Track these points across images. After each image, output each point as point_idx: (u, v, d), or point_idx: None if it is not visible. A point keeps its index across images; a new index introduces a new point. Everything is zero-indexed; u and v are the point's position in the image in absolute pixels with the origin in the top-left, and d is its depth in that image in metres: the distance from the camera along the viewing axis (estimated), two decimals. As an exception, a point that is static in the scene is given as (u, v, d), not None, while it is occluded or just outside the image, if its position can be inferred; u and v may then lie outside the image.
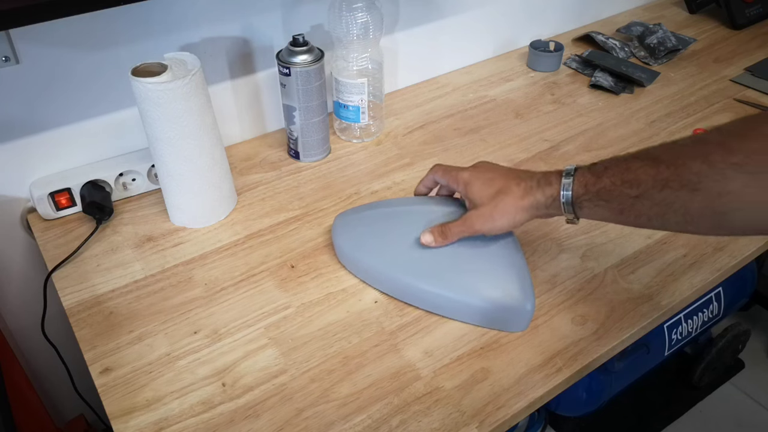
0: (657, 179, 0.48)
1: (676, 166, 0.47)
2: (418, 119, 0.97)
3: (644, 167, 0.50)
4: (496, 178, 0.61)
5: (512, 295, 0.60)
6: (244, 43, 0.85)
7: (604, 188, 0.53)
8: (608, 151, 0.88)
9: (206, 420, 0.55)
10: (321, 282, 0.68)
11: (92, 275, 0.70)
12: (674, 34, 1.16)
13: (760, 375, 1.45)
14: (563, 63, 1.12)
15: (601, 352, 0.60)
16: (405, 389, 0.57)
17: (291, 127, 0.85)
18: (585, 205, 0.55)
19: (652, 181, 0.49)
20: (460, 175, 0.64)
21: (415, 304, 0.65)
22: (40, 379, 0.97)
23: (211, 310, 0.65)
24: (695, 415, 1.37)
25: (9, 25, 0.59)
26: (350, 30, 0.81)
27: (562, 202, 0.56)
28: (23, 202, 0.79)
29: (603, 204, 0.53)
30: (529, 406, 0.57)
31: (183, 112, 0.67)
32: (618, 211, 0.52)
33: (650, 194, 0.49)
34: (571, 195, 0.55)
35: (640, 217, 0.51)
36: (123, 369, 0.59)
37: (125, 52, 0.75)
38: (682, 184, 0.47)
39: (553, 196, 0.56)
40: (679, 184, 0.47)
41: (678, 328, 1.13)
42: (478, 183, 0.62)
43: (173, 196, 0.75)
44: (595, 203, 0.54)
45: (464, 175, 0.63)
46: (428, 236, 0.63)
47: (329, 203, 0.80)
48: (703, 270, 0.69)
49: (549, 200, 0.57)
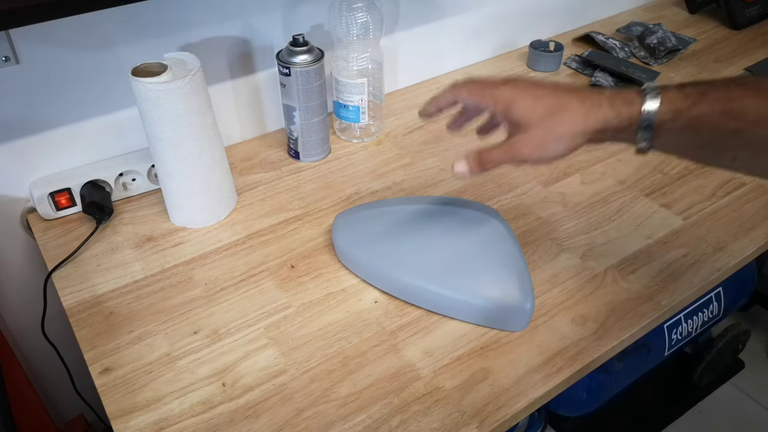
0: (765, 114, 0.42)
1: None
2: (418, 119, 0.97)
3: (750, 98, 0.43)
4: (548, 94, 0.50)
5: (512, 295, 0.60)
6: (244, 43, 0.85)
7: (698, 116, 0.44)
8: (609, 151, 0.88)
9: (206, 420, 0.55)
10: (321, 282, 0.68)
11: (92, 275, 0.70)
12: (674, 34, 1.16)
13: (760, 375, 1.45)
14: (563, 63, 1.12)
15: (601, 352, 0.60)
16: (405, 389, 0.57)
17: (291, 127, 0.85)
18: (668, 132, 0.46)
19: (758, 114, 0.42)
20: (500, 91, 0.51)
21: (415, 303, 0.65)
22: (40, 379, 0.97)
23: (211, 310, 0.65)
24: (695, 415, 1.37)
25: (9, 25, 0.59)
26: (350, 30, 0.81)
27: (642, 126, 0.46)
28: (23, 202, 0.79)
29: (689, 134, 0.45)
30: (529, 406, 0.57)
31: (183, 112, 0.67)
32: (704, 144, 0.45)
33: (752, 130, 0.43)
34: (655, 117, 0.46)
35: (727, 153, 0.45)
36: (123, 369, 0.59)
37: (125, 52, 0.75)
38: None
39: (631, 118, 0.47)
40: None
41: (678, 328, 1.13)
42: (526, 101, 0.50)
43: (173, 196, 0.75)
44: (681, 132, 0.46)
45: (505, 91, 0.51)
46: (462, 164, 0.53)
47: (329, 203, 0.80)
48: (703, 270, 0.69)
49: (624, 122, 0.47)
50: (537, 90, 0.51)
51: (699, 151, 0.47)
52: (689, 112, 0.45)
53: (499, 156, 0.51)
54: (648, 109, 0.46)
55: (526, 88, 0.51)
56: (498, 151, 0.51)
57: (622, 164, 0.86)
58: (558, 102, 0.49)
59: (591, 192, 0.81)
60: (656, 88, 0.47)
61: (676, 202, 0.79)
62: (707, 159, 0.47)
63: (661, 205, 0.78)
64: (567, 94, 0.49)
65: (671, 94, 0.46)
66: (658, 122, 0.46)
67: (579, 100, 0.49)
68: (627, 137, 0.48)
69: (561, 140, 0.49)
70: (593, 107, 0.48)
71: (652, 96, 0.46)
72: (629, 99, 0.47)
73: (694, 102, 0.45)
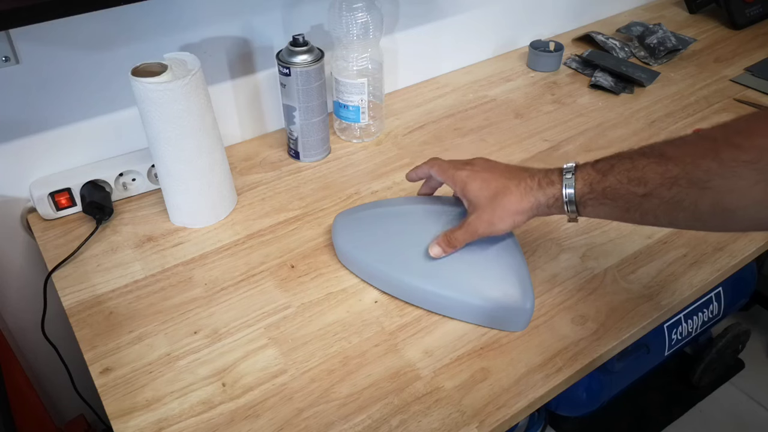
0: (665, 177, 0.48)
1: (684, 163, 0.47)
2: (418, 119, 0.97)
3: (651, 165, 0.49)
4: (493, 178, 0.60)
5: (512, 295, 0.60)
6: (244, 43, 0.85)
7: (609, 187, 0.52)
8: (608, 152, 0.86)
9: (206, 420, 0.55)
10: (321, 282, 0.68)
11: (92, 275, 0.70)
12: (674, 34, 1.16)
13: (760, 375, 1.45)
14: (563, 63, 1.12)
15: (601, 352, 0.60)
16: (405, 389, 0.57)
17: (291, 127, 0.85)
18: (589, 204, 0.54)
19: (660, 179, 0.48)
20: (457, 175, 0.63)
21: (415, 303, 0.65)
22: (40, 379, 0.97)
23: (211, 310, 0.65)
24: (695, 415, 1.37)
25: (9, 25, 0.59)
26: (350, 30, 0.81)
27: (565, 202, 0.55)
28: (23, 202, 0.79)
29: (608, 203, 0.52)
30: (529, 406, 0.57)
31: (183, 112, 0.67)
32: (624, 209, 0.51)
33: (658, 192, 0.48)
34: (574, 194, 0.54)
35: (647, 215, 0.50)
36: (123, 369, 0.59)
37: (125, 52, 0.75)
38: (692, 182, 0.46)
39: (555, 196, 0.55)
40: (688, 182, 0.46)
41: (678, 328, 1.13)
42: (476, 184, 0.60)
43: (173, 196, 0.75)
44: (600, 202, 0.53)
45: (461, 175, 0.62)
46: (436, 248, 0.62)
47: (329, 203, 0.80)
48: (703, 270, 0.69)
49: (551, 200, 0.56)
50: (486, 174, 0.61)
51: (624, 215, 0.52)
52: (601, 184, 0.52)
53: (462, 235, 0.61)
54: (566, 185, 0.55)
55: (479, 172, 0.61)
56: (460, 232, 0.61)
57: (622, 164, 0.85)
58: (503, 185, 0.59)
59: (591, 192, 0.81)
60: (572, 168, 0.55)
61: (676, 202, 0.79)
62: (635, 220, 0.52)
63: (661, 205, 0.78)
64: (511, 179, 0.59)
65: (585, 172, 0.54)
66: (578, 196, 0.54)
67: (516, 184, 0.58)
68: (558, 211, 0.56)
69: (505, 219, 0.58)
70: (527, 191, 0.57)
71: (568, 175, 0.55)
72: (552, 180, 0.56)
73: (604, 175, 0.52)
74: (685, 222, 0.49)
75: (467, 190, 0.61)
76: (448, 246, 0.62)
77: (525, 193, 0.57)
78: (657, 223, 0.51)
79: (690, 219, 0.48)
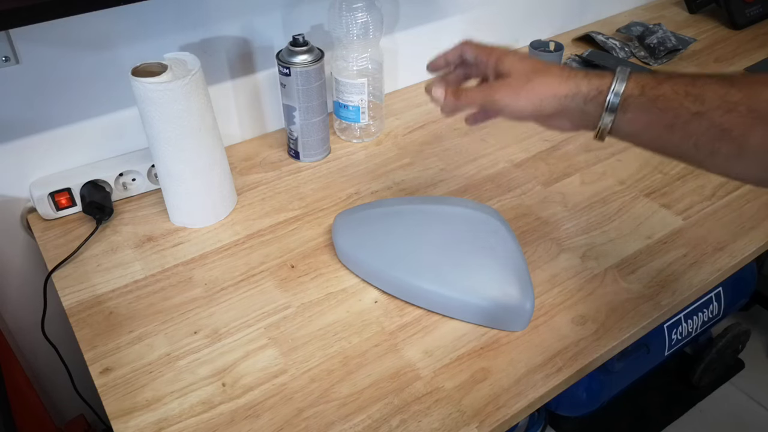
0: (725, 100, 0.44)
1: (750, 90, 0.44)
2: (418, 119, 0.97)
3: (713, 85, 0.46)
4: (536, 60, 0.54)
5: (512, 295, 0.60)
6: (244, 43, 0.85)
7: (662, 95, 0.47)
8: (609, 151, 0.88)
9: (206, 420, 0.55)
10: (321, 282, 0.68)
11: (92, 275, 0.70)
12: (674, 34, 1.16)
13: (760, 375, 1.45)
14: (563, 63, 1.12)
15: (601, 352, 0.60)
16: (405, 389, 0.57)
17: (291, 127, 0.85)
18: (632, 108, 0.49)
19: (719, 101, 0.45)
20: (498, 49, 0.56)
21: (415, 303, 0.65)
22: (40, 379, 0.97)
23: (211, 310, 0.65)
24: (695, 415, 1.37)
25: (9, 25, 0.59)
26: (350, 30, 0.82)
27: (609, 98, 0.49)
28: (23, 202, 0.79)
29: (655, 112, 0.48)
30: (529, 406, 0.57)
31: (183, 112, 0.67)
32: (668, 125, 0.47)
33: (712, 115, 0.45)
34: (622, 91, 0.49)
35: (688, 139, 0.47)
36: (123, 369, 0.59)
37: (125, 52, 0.75)
38: (751, 110, 0.44)
39: (600, 89, 0.50)
40: (748, 110, 0.44)
41: (678, 328, 1.13)
42: (516, 57, 0.54)
43: (173, 196, 0.75)
44: (646, 108, 0.48)
45: (501, 49, 0.56)
46: (439, 90, 0.56)
47: (329, 203, 0.80)
48: (703, 270, 0.69)
49: (593, 92, 0.50)
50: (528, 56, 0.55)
51: (663, 133, 0.48)
52: (654, 90, 0.48)
53: (475, 94, 0.55)
54: (617, 81, 0.49)
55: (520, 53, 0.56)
56: (475, 90, 0.55)
57: (622, 164, 0.86)
58: (543, 65, 0.53)
59: (591, 192, 0.81)
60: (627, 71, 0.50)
61: (676, 202, 0.79)
62: (671, 142, 0.48)
63: (661, 205, 0.78)
64: (552, 65, 0.54)
65: (641, 75, 0.49)
66: (624, 95, 0.49)
67: (560, 68, 0.53)
68: (594, 110, 0.50)
69: (534, 95, 0.52)
70: (570, 76, 0.52)
71: (623, 74, 0.50)
72: (603, 74, 0.51)
73: (660, 82, 0.48)
74: (724, 156, 0.46)
75: (503, 60, 0.55)
76: (454, 95, 0.56)
77: (567, 78, 0.52)
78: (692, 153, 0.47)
79: (731, 153, 0.45)
